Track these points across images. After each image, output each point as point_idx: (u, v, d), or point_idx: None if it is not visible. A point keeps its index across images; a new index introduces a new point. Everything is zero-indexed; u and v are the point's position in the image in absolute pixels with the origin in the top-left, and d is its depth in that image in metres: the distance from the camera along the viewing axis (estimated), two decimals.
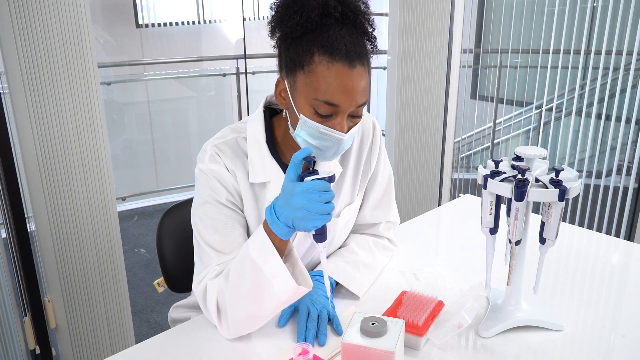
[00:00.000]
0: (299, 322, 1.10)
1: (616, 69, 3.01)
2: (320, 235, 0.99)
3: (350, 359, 0.92)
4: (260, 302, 1.03)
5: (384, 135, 2.88)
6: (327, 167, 1.20)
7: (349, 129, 1.06)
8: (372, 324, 0.93)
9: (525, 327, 1.12)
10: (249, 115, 1.25)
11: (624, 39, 2.92)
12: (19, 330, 1.88)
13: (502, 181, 1.01)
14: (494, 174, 1.03)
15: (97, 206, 1.94)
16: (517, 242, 1.05)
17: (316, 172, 0.96)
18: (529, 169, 1.03)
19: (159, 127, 4.40)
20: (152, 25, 4.46)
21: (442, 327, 1.07)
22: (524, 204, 1.00)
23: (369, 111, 3.60)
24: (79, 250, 1.94)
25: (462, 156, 3.65)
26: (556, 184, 0.99)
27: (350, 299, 1.23)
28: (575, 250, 1.47)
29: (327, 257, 1.25)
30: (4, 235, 1.92)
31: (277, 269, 1.00)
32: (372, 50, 1.08)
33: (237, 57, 4.20)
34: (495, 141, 3.71)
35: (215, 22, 4.70)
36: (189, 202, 1.30)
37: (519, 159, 1.07)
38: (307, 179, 0.95)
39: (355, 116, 1.06)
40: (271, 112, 1.22)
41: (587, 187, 3.27)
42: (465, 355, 1.05)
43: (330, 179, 0.95)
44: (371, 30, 1.07)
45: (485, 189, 1.04)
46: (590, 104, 3.13)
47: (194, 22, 4.64)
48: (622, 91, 3.02)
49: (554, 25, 3.17)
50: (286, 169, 1.13)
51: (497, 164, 1.06)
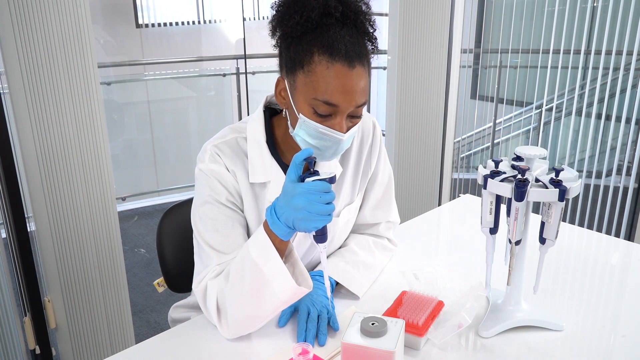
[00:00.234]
0: (299, 322, 1.10)
1: (616, 69, 3.01)
2: (320, 236, 0.99)
3: (350, 359, 0.92)
4: (260, 303, 1.03)
5: (384, 135, 2.88)
6: (328, 168, 1.20)
7: (348, 129, 1.06)
8: (372, 324, 0.93)
9: (525, 327, 1.12)
10: (249, 115, 1.25)
11: (624, 39, 2.92)
12: (19, 330, 1.88)
13: (502, 181, 1.01)
14: (494, 174, 1.03)
15: (97, 206, 1.94)
16: (517, 242, 1.05)
17: (317, 173, 0.96)
18: (529, 169, 1.03)
19: (159, 127, 4.40)
20: (152, 25, 4.46)
21: (442, 327, 1.07)
22: (524, 204, 1.00)
23: (369, 111, 3.60)
24: (79, 250, 1.94)
25: (462, 156, 3.65)
26: (556, 184, 0.99)
27: (350, 299, 1.23)
28: (575, 250, 1.47)
29: (327, 257, 1.25)
30: (4, 235, 1.92)
31: (277, 269, 1.00)
32: (373, 50, 1.08)
33: (237, 57, 4.20)
34: (495, 141, 3.71)
35: (215, 22, 4.70)
36: (189, 202, 1.30)
37: (519, 159, 1.07)
38: (307, 180, 0.95)
39: (354, 116, 1.06)
40: (271, 112, 1.22)
41: (587, 187, 3.27)
42: (465, 355, 1.05)
43: (330, 180, 0.95)
44: (372, 30, 1.07)
45: (485, 189, 1.04)
46: (590, 104, 3.13)
47: (194, 22, 4.64)
48: (622, 91, 3.01)
49: (554, 25, 3.17)
50: (286, 169, 1.13)
51: (497, 164, 1.06)
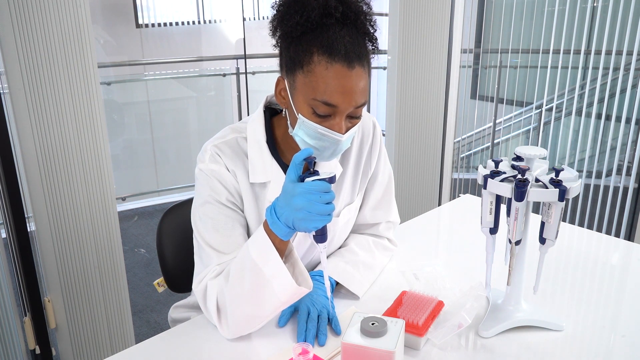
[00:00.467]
0: (299, 322, 1.10)
1: (616, 69, 3.01)
2: (320, 236, 0.99)
3: (350, 359, 0.92)
4: (260, 303, 1.03)
5: (384, 135, 2.88)
6: (328, 168, 1.20)
7: (348, 130, 1.06)
8: (372, 324, 0.93)
9: (525, 327, 1.12)
10: (249, 115, 1.25)
11: (624, 39, 2.92)
12: (19, 330, 1.88)
13: (502, 181, 1.01)
14: (494, 174, 1.03)
15: (97, 206, 1.94)
16: (517, 242, 1.05)
17: (317, 173, 0.96)
18: (529, 169, 1.03)
19: (159, 127, 4.40)
20: (152, 25, 4.46)
21: (442, 327, 1.07)
22: (524, 204, 1.00)
23: (369, 111, 3.60)
24: (79, 250, 1.94)
25: (462, 156, 3.65)
26: (556, 184, 0.99)
27: (350, 299, 1.23)
28: (575, 250, 1.47)
29: (327, 257, 1.25)
30: (4, 235, 1.92)
31: (277, 269, 1.00)
32: (373, 50, 1.08)
33: (237, 57, 4.20)
34: (495, 141, 3.71)
35: (215, 22, 4.70)
36: (189, 202, 1.30)
37: (519, 159, 1.07)
38: (307, 180, 0.95)
39: (354, 117, 1.06)
40: (271, 112, 1.22)
41: (587, 187, 3.27)
42: (465, 355, 1.05)
43: (330, 180, 0.95)
44: (372, 31, 1.07)
45: (485, 189, 1.04)
46: (590, 104, 3.13)
47: (194, 22, 4.64)
48: (622, 91, 3.02)
49: (554, 25, 3.17)
50: (286, 169, 1.13)
51: (497, 164, 1.06)
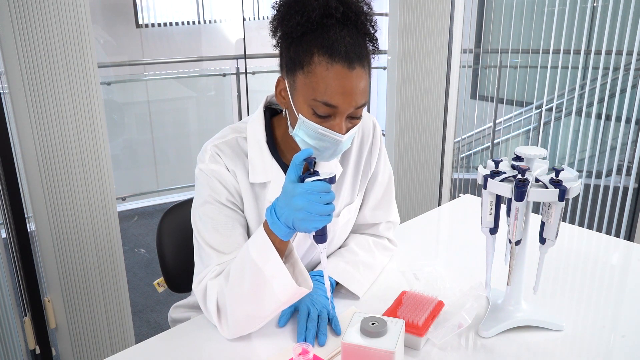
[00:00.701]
0: (299, 322, 1.10)
1: (616, 69, 3.01)
2: (320, 236, 0.99)
3: (350, 359, 0.92)
4: (260, 303, 1.03)
5: (384, 135, 2.88)
6: (328, 168, 1.20)
7: (348, 130, 1.06)
8: (372, 324, 0.93)
9: (525, 327, 1.12)
10: (249, 115, 1.25)
11: (624, 39, 2.92)
12: (19, 330, 1.88)
13: (502, 181, 1.01)
14: (494, 174, 1.03)
15: (97, 206, 1.94)
16: (517, 242, 1.05)
17: (317, 173, 0.96)
18: (529, 169, 1.03)
19: (159, 127, 4.40)
20: (152, 25, 4.46)
21: (442, 327, 1.07)
22: (524, 204, 1.00)
23: (369, 111, 3.60)
24: (79, 250, 1.94)
25: (462, 156, 3.65)
26: (556, 184, 0.99)
27: (350, 299, 1.23)
28: (575, 250, 1.47)
29: (327, 257, 1.25)
30: (4, 235, 1.92)
31: (277, 269, 1.00)
32: (374, 51, 1.08)
33: (237, 57, 4.20)
34: (495, 141, 3.71)
35: (215, 22, 4.70)
36: (189, 202, 1.30)
37: (519, 159, 1.07)
38: (307, 180, 0.95)
39: (354, 117, 1.06)
40: (271, 112, 1.22)
41: (587, 187, 3.27)
42: (465, 355, 1.05)
43: (330, 180, 0.95)
44: (373, 31, 1.07)
45: (485, 189, 1.04)
46: (590, 104, 3.13)
47: (194, 22, 4.64)
48: (622, 91, 3.02)
49: (554, 25, 3.17)
50: (286, 169, 1.13)
51: (497, 164, 1.06)
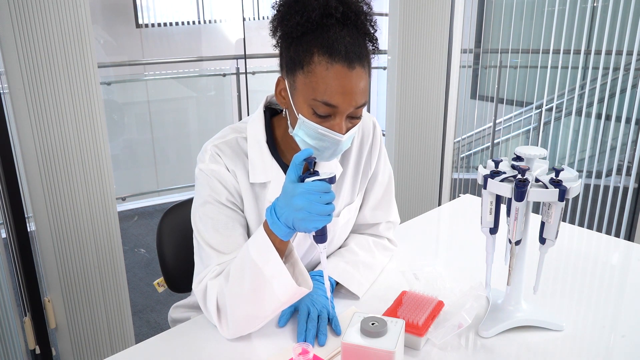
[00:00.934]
0: (299, 322, 1.10)
1: (616, 69, 3.01)
2: (320, 236, 0.99)
3: (350, 359, 0.92)
4: (260, 303, 1.03)
5: (384, 135, 2.88)
6: (328, 168, 1.20)
7: (348, 130, 1.06)
8: (372, 324, 0.93)
9: (525, 327, 1.12)
10: (249, 115, 1.25)
11: (624, 39, 2.92)
12: (19, 330, 1.88)
13: (502, 181, 1.01)
14: (494, 174, 1.03)
15: (97, 206, 1.94)
16: (517, 242, 1.05)
17: (317, 173, 0.96)
18: (529, 169, 1.03)
19: (159, 127, 4.40)
20: (152, 25, 4.46)
21: (442, 327, 1.07)
22: (524, 204, 1.00)
23: (369, 111, 3.60)
24: (79, 250, 1.94)
25: (462, 156, 3.65)
26: (556, 184, 0.99)
27: (350, 299, 1.23)
28: (575, 250, 1.47)
29: (327, 257, 1.25)
30: (4, 235, 1.92)
31: (277, 269, 1.00)
32: (373, 51, 1.08)
33: (237, 57, 4.20)
34: (495, 141, 3.71)
35: (215, 22, 4.70)
36: (189, 202, 1.30)
37: (519, 159, 1.07)
38: (307, 180, 0.95)
39: (354, 117, 1.06)
40: (271, 112, 1.22)
41: (587, 187, 3.27)
42: (465, 355, 1.05)
43: (330, 180, 0.95)
44: (373, 31, 1.07)
45: (485, 189, 1.04)
46: (590, 104, 3.13)
47: (194, 22, 4.64)
48: (622, 91, 3.02)
49: (554, 25, 3.17)
50: (286, 169, 1.13)
51: (497, 164, 1.06)
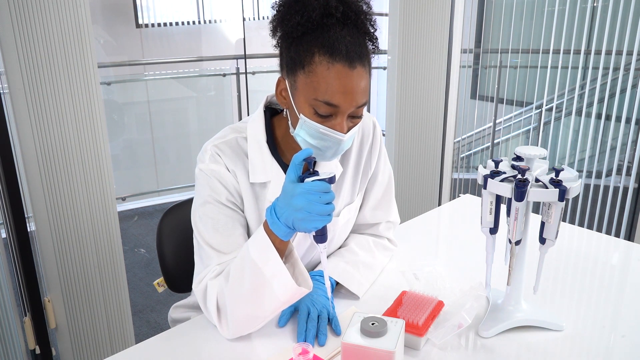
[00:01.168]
0: (299, 322, 1.10)
1: (616, 69, 3.01)
2: (320, 236, 0.99)
3: (350, 359, 0.92)
4: (260, 303, 1.03)
5: (384, 135, 2.88)
6: (328, 168, 1.20)
7: (349, 130, 1.06)
8: (372, 324, 0.93)
9: (525, 327, 1.12)
10: (249, 115, 1.25)
11: (624, 39, 2.92)
12: (19, 330, 1.88)
13: (502, 181, 1.01)
14: (494, 174, 1.03)
15: (97, 206, 1.94)
16: (517, 242, 1.05)
17: (316, 173, 0.96)
18: (529, 169, 1.03)
19: (159, 127, 4.40)
20: (152, 25, 4.46)
21: (442, 327, 1.07)
22: (524, 204, 1.00)
23: (369, 111, 3.60)
24: (79, 250, 1.94)
25: (462, 156, 3.65)
26: (556, 184, 0.99)
27: (350, 299, 1.23)
28: (575, 250, 1.47)
29: (327, 257, 1.25)
30: (4, 235, 1.92)
31: (277, 269, 1.00)
32: (374, 50, 1.08)
33: (237, 57, 4.20)
34: (495, 141, 3.71)
35: (215, 22, 4.70)
36: (189, 202, 1.30)
37: (519, 159, 1.07)
38: (307, 180, 0.95)
39: (355, 117, 1.06)
40: (272, 112, 1.22)
41: (587, 187, 3.27)
42: (465, 355, 1.05)
43: (330, 180, 0.95)
44: (373, 30, 1.07)
45: (485, 189, 1.04)
46: (590, 104, 3.13)
47: (194, 22, 4.64)
48: (622, 91, 3.01)
49: (554, 25, 3.17)
50: (286, 169, 1.13)
51: (497, 164, 1.06)
